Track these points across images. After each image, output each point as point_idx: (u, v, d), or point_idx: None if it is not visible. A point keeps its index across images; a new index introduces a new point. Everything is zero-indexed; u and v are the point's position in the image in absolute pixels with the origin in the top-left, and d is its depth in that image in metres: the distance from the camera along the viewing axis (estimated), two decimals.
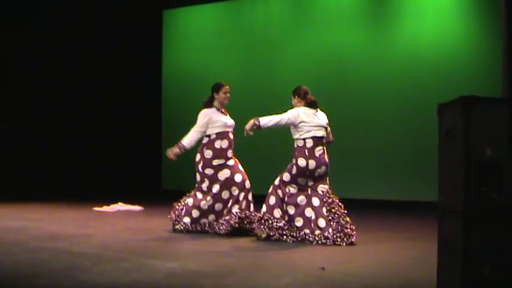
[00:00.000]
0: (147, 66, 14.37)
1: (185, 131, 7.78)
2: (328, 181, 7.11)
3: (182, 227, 7.56)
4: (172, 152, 7.55)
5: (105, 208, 10.58)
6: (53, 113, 13.75)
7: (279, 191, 7.04)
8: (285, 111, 7.05)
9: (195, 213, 7.53)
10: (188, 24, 14.56)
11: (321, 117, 7.14)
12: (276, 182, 7.10)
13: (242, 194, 7.48)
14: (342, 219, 6.83)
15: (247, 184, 7.57)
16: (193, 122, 7.74)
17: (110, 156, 14.17)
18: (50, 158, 13.63)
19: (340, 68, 12.44)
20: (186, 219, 7.56)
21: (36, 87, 13.63)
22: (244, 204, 7.47)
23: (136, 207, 10.85)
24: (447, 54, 11.47)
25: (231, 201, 7.46)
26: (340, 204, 6.97)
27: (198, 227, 7.56)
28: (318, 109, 7.17)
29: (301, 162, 6.91)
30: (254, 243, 6.79)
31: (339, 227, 6.77)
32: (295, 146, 7.04)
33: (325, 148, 7.09)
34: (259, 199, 7.37)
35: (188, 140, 7.57)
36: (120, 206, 10.79)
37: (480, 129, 3.47)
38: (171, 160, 7.64)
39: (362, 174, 12.05)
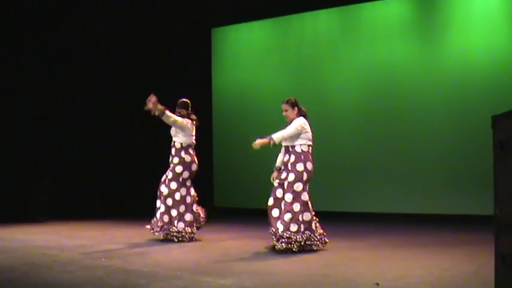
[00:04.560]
0: (197, 85, 14.45)
1: (236, 148, 7.85)
2: None
3: None
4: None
5: None
6: (108, 132, 13.98)
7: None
8: (335, 127, 7.05)
9: None
10: (237, 41, 14.61)
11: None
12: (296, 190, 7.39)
13: None
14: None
15: None
16: (243, 138, 7.79)
17: (160, 175, 14.29)
18: (103, 177, 13.83)
19: (390, 82, 12.29)
20: None
21: (93, 108, 13.90)
22: None
23: None
24: (499, 65, 11.18)
25: None
26: None
27: None
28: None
29: (310, 165, 7.37)
30: (307, 260, 6.75)
31: None
32: (300, 151, 7.38)
33: None
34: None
35: None
36: None
37: None
38: (223, 178, 7.73)
39: (414, 189, 11.87)
